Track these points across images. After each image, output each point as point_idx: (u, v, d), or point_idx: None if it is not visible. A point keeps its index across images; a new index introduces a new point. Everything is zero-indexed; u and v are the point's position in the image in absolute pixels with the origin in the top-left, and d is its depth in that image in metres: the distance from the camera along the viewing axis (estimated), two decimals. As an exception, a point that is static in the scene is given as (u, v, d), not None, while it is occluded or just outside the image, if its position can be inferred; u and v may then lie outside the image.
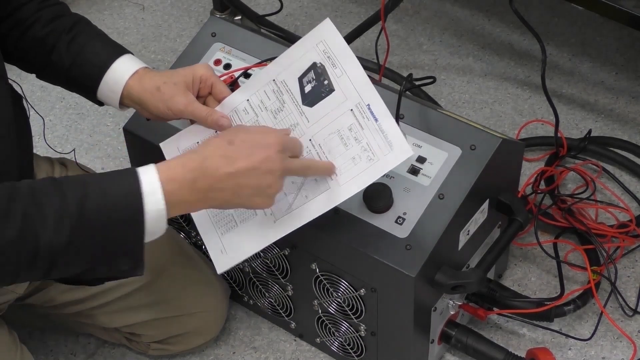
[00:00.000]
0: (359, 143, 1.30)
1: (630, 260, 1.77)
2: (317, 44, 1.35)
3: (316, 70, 1.34)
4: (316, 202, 1.31)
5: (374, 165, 1.28)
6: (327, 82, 1.33)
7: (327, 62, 1.34)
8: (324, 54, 1.34)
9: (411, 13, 2.33)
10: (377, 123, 1.29)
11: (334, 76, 1.33)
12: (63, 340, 1.71)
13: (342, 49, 1.33)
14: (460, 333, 1.56)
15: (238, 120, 1.38)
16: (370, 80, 1.31)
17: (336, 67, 1.33)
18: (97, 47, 1.39)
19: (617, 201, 1.85)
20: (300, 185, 1.32)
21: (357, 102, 1.30)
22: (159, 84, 1.35)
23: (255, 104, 1.38)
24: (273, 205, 1.27)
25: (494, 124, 2.04)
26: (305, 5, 2.38)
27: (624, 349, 1.65)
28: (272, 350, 1.68)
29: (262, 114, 1.37)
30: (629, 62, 2.16)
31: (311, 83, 1.35)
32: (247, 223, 1.34)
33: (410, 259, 1.35)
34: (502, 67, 2.18)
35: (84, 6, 2.43)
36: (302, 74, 1.35)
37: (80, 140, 2.08)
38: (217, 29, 1.62)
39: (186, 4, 2.43)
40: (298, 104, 1.35)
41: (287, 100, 1.36)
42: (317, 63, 1.34)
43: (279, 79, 1.37)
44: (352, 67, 1.32)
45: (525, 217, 1.50)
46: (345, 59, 1.33)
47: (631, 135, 1.99)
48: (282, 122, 1.35)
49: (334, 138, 1.31)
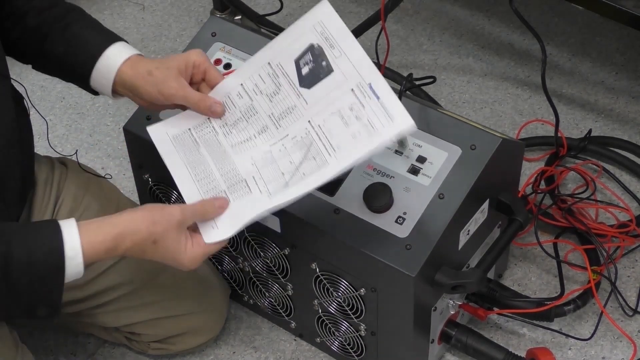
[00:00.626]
0: (359, 120, 1.27)
1: (631, 260, 1.77)
2: (314, 25, 1.33)
3: (313, 52, 1.32)
4: (314, 176, 1.28)
5: (374, 136, 1.26)
6: (326, 63, 1.31)
7: (325, 43, 1.32)
8: (321, 35, 1.32)
9: (411, 13, 2.33)
10: (379, 101, 1.27)
11: (332, 57, 1.31)
12: (63, 340, 1.71)
13: (340, 30, 1.31)
14: (460, 333, 1.56)
15: (232, 106, 1.36)
16: (369, 59, 1.29)
17: (334, 47, 1.31)
18: (90, 35, 1.39)
19: (617, 201, 1.85)
20: (297, 165, 1.30)
21: (358, 81, 1.29)
22: (151, 68, 1.35)
23: (250, 88, 1.36)
24: (269, 184, 1.29)
25: (494, 124, 2.04)
26: (305, 4, 2.38)
27: (624, 348, 1.65)
28: (272, 350, 1.68)
29: (257, 98, 1.35)
30: (629, 62, 2.16)
31: (308, 65, 1.33)
32: (242, 200, 1.31)
33: (410, 259, 1.35)
34: (502, 67, 2.18)
35: (84, 6, 2.41)
36: (298, 56, 1.33)
37: (81, 140, 2.08)
38: (217, 29, 1.62)
39: (186, 4, 2.43)
40: (295, 87, 1.33)
41: (283, 83, 1.34)
42: (314, 44, 1.32)
43: (274, 62, 1.35)
44: (352, 47, 1.30)
45: (525, 217, 1.50)
46: (344, 40, 1.31)
47: (631, 135, 1.99)
48: (278, 104, 1.33)
49: (334, 118, 1.29)
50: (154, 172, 1.60)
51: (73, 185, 1.52)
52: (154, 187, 1.61)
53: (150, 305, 1.56)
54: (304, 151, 1.30)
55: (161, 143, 1.38)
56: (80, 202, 1.51)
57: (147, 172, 1.61)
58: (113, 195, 1.58)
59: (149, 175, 1.61)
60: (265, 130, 1.34)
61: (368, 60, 1.29)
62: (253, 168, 1.33)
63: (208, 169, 1.35)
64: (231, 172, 1.33)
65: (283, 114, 1.33)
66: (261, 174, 1.32)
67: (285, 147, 1.32)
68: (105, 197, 1.55)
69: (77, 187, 1.52)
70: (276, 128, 1.33)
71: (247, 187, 1.32)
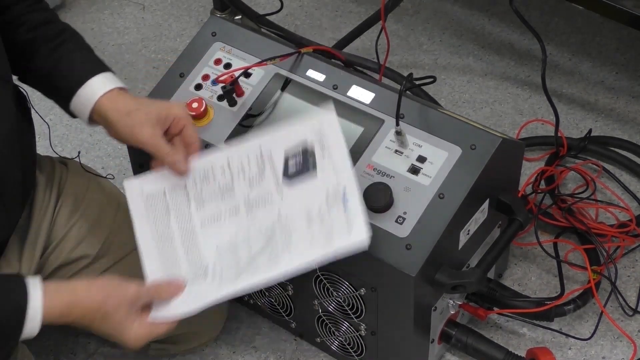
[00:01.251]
0: (322, 224, 1.30)
1: (631, 259, 1.77)
2: (315, 126, 1.36)
3: (305, 149, 1.35)
4: (265, 270, 1.31)
5: (328, 244, 1.29)
6: (312, 164, 1.34)
7: (318, 144, 1.35)
8: (318, 136, 1.35)
9: (411, 13, 2.33)
10: (345, 209, 1.30)
11: (319, 158, 1.34)
12: (63, 340, 1.71)
13: (336, 138, 1.34)
14: (460, 333, 1.56)
15: (211, 176, 1.37)
16: (353, 168, 1.33)
17: (324, 149, 1.34)
18: (78, 60, 1.38)
19: (617, 201, 1.85)
20: (254, 255, 1.32)
21: (335, 184, 1.32)
22: (131, 108, 1.34)
23: (235, 167, 1.37)
24: (225, 271, 1.32)
25: (494, 124, 2.04)
26: (305, 4, 2.38)
27: (624, 348, 1.65)
28: (272, 349, 1.68)
29: (239, 179, 1.36)
30: (629, 62, 2.16)
31: (296, 161, 1.35)
32: (196, 286, 1.33)
33: (410, 259, 1.35)
34: (502, 66, 2.18)
35: (84, 5, 2.43)
36: (290, 149, 1.36)
37: (81, 140, 2.08)
38: (217, 29, 1.62)
39: (186, 4, 2.43)
40: (277, 179, 1.35)
41: (267, 172, 1.36)
42: (307, 142, 1.35)
43: (266, 149, 1.37)
44: (340, 155, 1.33)
45: (525, 216, 1.50)
46: (336, 147, 1.34)
47: (631, 134, 1.99)
48: (255, 191, 1.35)
49: (301, 216, 1.32)
50: (154, 172, 1.60)
51: (73, 186, 1.52)
52: (154, 187, 1.61)
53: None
54: (264, 242, 1.32)
55: (134, 202, 1.39)
56: (81, 203, 1.51)
57: (147, 172, 1.61)
58: (113, 195, 1.58)
59: (149, 175, 1.61)
60: (236, 212, 1.35)
61: (351, 168, 1.32)
62: (215, 254, 1.34)
63: (174, 248, 1.36)
64: (195, 256, 1.35)
65: (257, 202, 1.35)
66: (222, 260, 1.33)
67: (249, 236, 1.33)
68: (105, 197, 1.55)
69: (77, 187, 1.52)
70: (246, 214, 1.35)
71: (205, 273, 1.33)
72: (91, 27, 2.36)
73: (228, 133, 1.51)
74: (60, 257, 1.48)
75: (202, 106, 1.51)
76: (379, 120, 1.46)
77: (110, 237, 1.51)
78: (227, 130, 1.51)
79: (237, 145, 1.39)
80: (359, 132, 1.46)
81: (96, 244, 1.50)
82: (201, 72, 1.58)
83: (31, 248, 1.45)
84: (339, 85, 1.51)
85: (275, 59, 1.53)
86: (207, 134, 1.51)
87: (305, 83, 1.53)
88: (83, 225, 1.50)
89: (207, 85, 1.56)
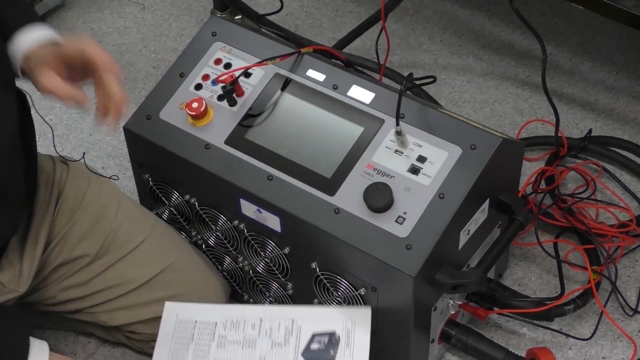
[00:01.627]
0: None
1: (631, 259, 1.77)
2: (349, 319, 1.44)
3: (331, 339, 1.42)
4: None
5: None
6: (332, 354, 1.41)
7: (344, 339, 1.42)
8: (346, 331, 1.42)
9: (411, 13, 2.33)
10: None
11: (340, 353, 1.41)
12: (63, 340, 1.71)
13: (363, 338, 1.43)
14: (461, 332, 1.56)
15: (242, 326, 1.46)
16: None
17: (349, 347, 1.41)
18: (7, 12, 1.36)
19: (618, 201, 1.85)
20: None
21: None
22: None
23: (265, 327, 1.46)
24: None
25: (494, 124, 2.04)
26: (305, 4, 2.38)
27: (624, 348, 1.65)
28: (272, 349, 1.68)
29: (262, 339, 1.45)
30: (629, 62, 2.16)
31: (320, 345, 1.42)
32: None
33: (410, 259, 1.35)
34: (503, 66, 2.18)
35: (84, 5, 2.43)
36: (318, 332, 1.43)
37: (81, 140, 2.08)
38: (217, 28, 1.62)
39: (186, 3, 2.43)
40: (297, 353, 1.42)
41: (291, 343, 1.43)
42: (336, 334, 1.42)
43: (298, 322, 1.45)
44: (360, 356, 1.41)
45: (525, 216, 1.50)
46: (359, 347, 1.41)
47: (631, 134, 1.99)
48: (273, 355, 1.43)
49: None
50: (154, 172, 1.60)
51: (74, 185, 1.52)
52: (154, 187, 1.61)
53: (151, 304, 1.56)
54: None
55: (166, 323, 1.50)
56: (81, 202, 1.51)
57: (147, 172, 1.61)
58: (114, 194, 1.58)
59: (149, 174, 1.61)
60: None
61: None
62: None
63: None
64: None
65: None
66: None
67: None
68: (106, 196, 1.55)
69: (78, 186, 1.52)
70: None
71: None
72: (91, 27, 2.37)
73: (228, 133, 1.51)
74: (60, 256, 1.49)
75: (202, 106, 1.51)
76: (379, 120, 1.46)
77: (110, 237, 1.51)
78: (227, 130, 1.51)
79: (274, 308, 1.50)
80: (359, 132, 1.46)
81: (96, 243, 1.50)
82: (201, 72, 1.58)
83: (32, 247, 1.45)
84: (339, 85, 1.51)
85: (276, 59, 1.53)
86: (207, 133, 1.51)
87: (306, 83, 1.53)
88: (83, 224, 1.50)
89: (207, 85, 1.56)
